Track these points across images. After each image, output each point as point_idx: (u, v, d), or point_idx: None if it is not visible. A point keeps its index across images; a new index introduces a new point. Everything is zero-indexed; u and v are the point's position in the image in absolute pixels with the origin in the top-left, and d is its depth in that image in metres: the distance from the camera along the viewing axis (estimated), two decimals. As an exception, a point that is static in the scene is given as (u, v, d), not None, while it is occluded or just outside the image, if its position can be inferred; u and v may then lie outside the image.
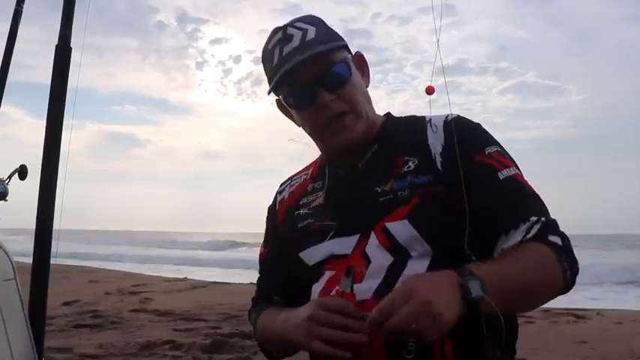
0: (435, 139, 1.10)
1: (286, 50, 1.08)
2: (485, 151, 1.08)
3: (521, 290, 0.97)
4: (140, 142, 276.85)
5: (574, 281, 1.02)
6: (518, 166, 1.10)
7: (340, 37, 1.17)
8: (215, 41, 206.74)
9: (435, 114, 1.14)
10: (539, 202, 1.06)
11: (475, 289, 0.88)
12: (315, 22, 1.13)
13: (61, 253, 1.57)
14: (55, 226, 1.45)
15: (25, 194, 1.59)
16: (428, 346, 0.97)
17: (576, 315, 6.52)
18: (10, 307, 1.29)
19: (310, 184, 1.24)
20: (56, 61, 1.48)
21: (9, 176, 1.50)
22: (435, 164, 1.07)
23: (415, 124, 1.16)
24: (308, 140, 1.20)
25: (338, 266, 1.07)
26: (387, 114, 1.23)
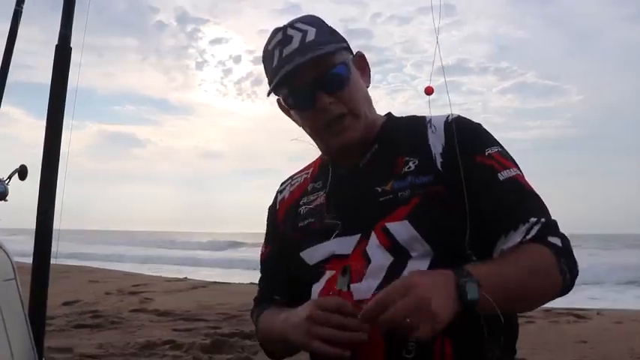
0: (436, 139, 1.10)
1: (286, 52, 1.08)
2: (486, 152, 1.07)
3: (519, 292, 0.96)
4: (140, 142, 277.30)
5: (573, 283, 1.01)
6: (519, 167, 1.10)
7: (341, 37, 1.16)
8: (215, 41, 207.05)
9: (436, 114, 1.14)
10: (539, 203, 1.06)
11: (472, 291, 0.88)
12: (316, 22, 1.12)
13: (61, 253, 1.57)
14: (55, 226, 1.45)
15: (25, 194, 1.59)
16: (428, 346, 0.97)
17: (576, 315, 6.52)
18: (10, 307, 1.29)
19: (311, 183, 1.23)
20: (56, 61, 1.48)
21: (9, 176, 1.50)
22: (436, 164, 1.07)
23: (416, 124, 1.15)
24: (310, 140, 1.20)
25: (338, 266, 1.07)
26: (388, 114, 1.22)
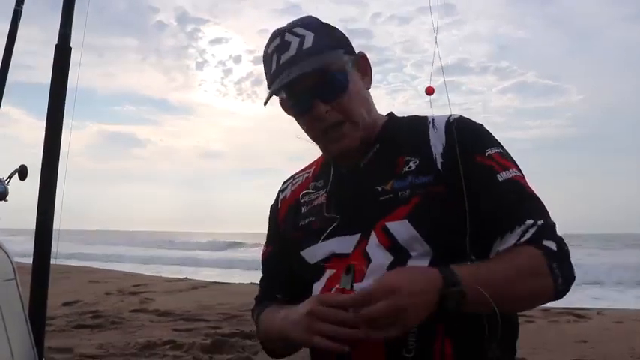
0: (437, 139, 1.09)
1: (283, 59, 1.08)
2: (486, 153, 1.07)
3: (507, 293, 0.95)
4: (140, 142, 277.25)
5: (567, 287, 1.00)
6: (519, 168, 1.09)
7: (341, 39, 1.15)
8: (215, 41, 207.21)
9: (437, 114, 1.14)
10: (537, 205, 1.05)
11: (453, 301, 0.90)
12: (315, 26, 1.11)
13: (61, 253, 1.57)
14: (55, 227, 1.45)
15: (25, 194, 1.59)
16: (428, 345, 0.98)
17: (576, 314, 6.53)
18: (11, 307, 1.29)
19: (312, 182, 1.23)
20: (56, 61, 1.48)
21: (9, 176, 1.50)
22: (436, 165, 1.07)
23: (417, 124, 1.15)
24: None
25: (339, 265, 1.07)
26: (390, 114, 1.22)
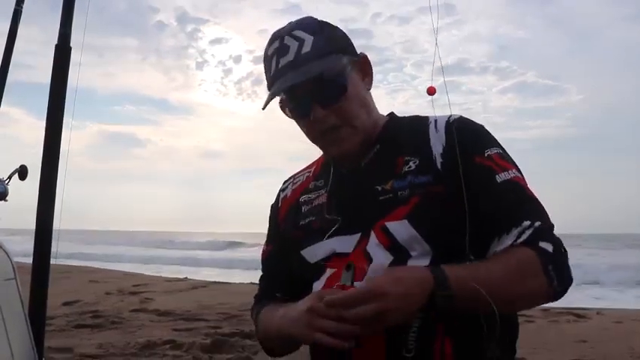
0: (437, 139, 1.09)
1: (282, 63, 1.07)
2: (485, 153, 1.07)
3: (500, 295, 0.94)
4: (140, 142, 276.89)
5: (564, 290, 1.00)
6: (519, 169, 1.09)
7: (342, 39, 1.14)
8: (215, 41, 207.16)
9: (438, 114, 1.14)
10: (536, 207, 1.05)
11: (442, 302, 0.92)
12: (315, 29, 1.09)
13: (61, 253, 1.57)
14: (55, 226, 1.45)
15: (25, 194, 1.59)
16: (428, 345, 0.98)
17: (576, 314, 6.53)
18: (11, 307, 1.29)
19: (313, 181, 1.23)
20: (56, 60, 1.48)
21: (9, 176, 1.50)
22: (435, 164, 1.07)
23: (418, 124, 1.15)
24: None
25: (339, 264, 1.07)
26: (391, 114, 1.22)
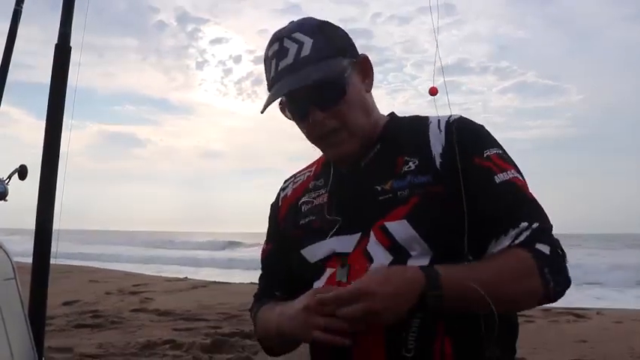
0: (436, 139, 1.09)
1: (281, 66, 1.07)
2: (484, 154, 1.06)
3: (492, 295, 0.93)
4: (140, 142, 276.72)
5: (560, 292, 1.00)
6: (519, 170, 1.09)
7: (342, 40, 1.13)
8: (215, 41, 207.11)
9: (438, 114, 1.14)
10: (534, 208, 1.04)
11: (433, 301, 0.92)
12: (315, 32, 1.09)
13: (61, 253, 1.57)
14: (55, 226, 1.45)
15: (25, 194, 1.59)
16: (428, 345, 0.98)
17: (576, 314, 6.54)
18: (10, 307, 1.29)
19: (313, 181, 1.24)
20: (56, 59, 1.48)
21: (9, 176, 1.50)
22: (435, 164, 1.07)
23: (418, 124, 1.15)
24: None
25: (339, 264, 1.07)
26: (391, 114, 1.22)
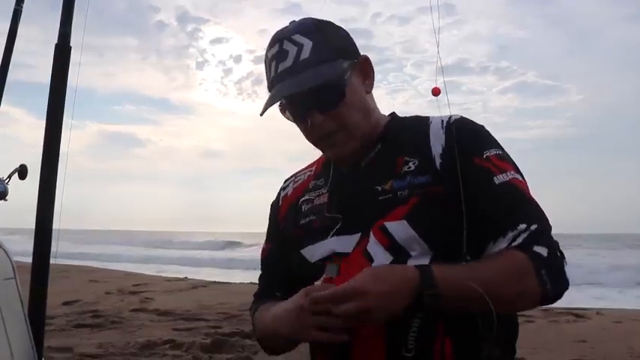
0: (437, 139, 1.09)
1: (280, 68, 1.07)
2: (484, 155, 1.06)
3: (489, 296, 0.93)
4: (140, 142, 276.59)
5: (557, 294, 0.99)
6: (519, 171, 1.08)
7: (343, 40, 1.13)
8: (215, 41, 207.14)
9: (439, 115, 1.14)
10: (533, 209, 1.04)
11: (429, 300, 0.92)
12: (315, 33, 1.08)
13: (61, 252, 1.57)
14: (55, 226, 1.45)
15: (25, 194, 1.59)
16: (428, 345, 0.98)
17: (576, 314, 6.54)
18: (10, 307, 1.29)
19: (313, 180, 1.24)
20: (56, 59, 1.48)
21: (9, 176, 1.50)
22: (435, 165, 1.07)
23: (418, 124, 1.15)
24: None
25: (339, 264, 1.07)
26: (392, 114, 1.22)
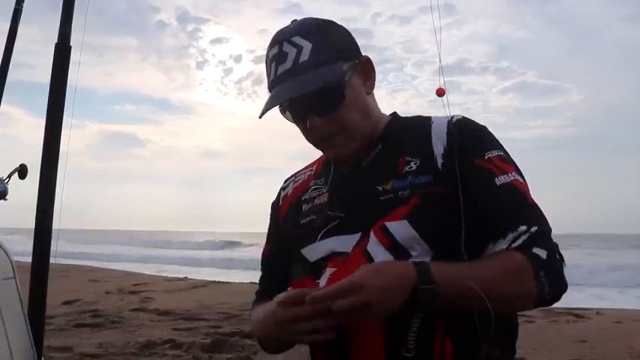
0: (438, 139, 1.09)
1: (280, 70, 1.07)
2: (486, 156, 1.06)
3: (485, 295, 0.92)
4: (140, 142, 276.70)
5: (555, 297, 0.99)
6: (520, 172, 1.08)
7: (344, 40, 1.12)
8: (216, 41, 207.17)
9: (441, 115, 1.14)
10: (534, 211, 1.04)
11: (425, 297, 0.92)
12: (314, 35, 1.07)
13: (61, 252, 1.57)
14: (55, 226, 1.45)
15: (25, 194, 1.59)
16: (428, 345, 0.98)
17: (576, 314, 6.55)
18: (10, 306, 1.29)
19: (314, 180, 1.23)
20: (56, 58, 1.48)
21: (9, 175, 1.50)
22: (436, 165, 1.06)
23: (420, 124, 1.15)
24: None
25: (339, 263, 1.07)
26: (393, 114, 1.22)
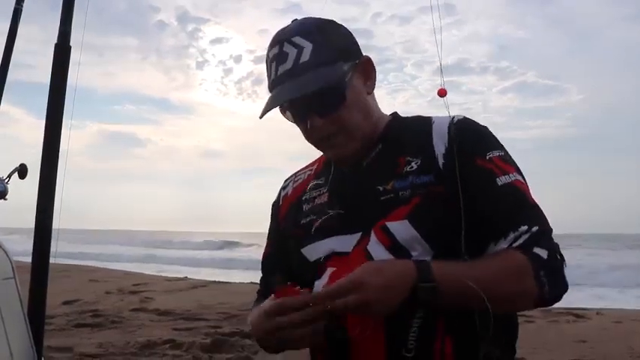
0: (439, 139, 1.09)
1: (280, 71, 1.07)
2: (487, 156, 1.06)
3: (485, 294, 0.92)
4: (140, 142, 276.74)
5: (555, 297, 0.99)
6: (521, 173, 1.08)
7: (344, 40, 1.12)
8: (216, 41, 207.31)
9: (441, 115, 1.14)
10: (535, 212, 1.04)
11: (425, 295, 0.92)
12: (315, 35, 1.07)
13: (61, 252, 1.57)
14: (55, 226, 1.45)
15: (25, 194, 1.59)
16: (428, 345, 0.98)
17: (576, 314, 6.55)
18: (10, 306, 1.29)
19: (314, 180, 1.23)
20: (56, 58, 1.48)
21: (9, 175, 1.50)
22: (437, 165, 1.06)
23: (421, 124, 1.15)
24: None
25: (339, 263, 1.08)
26: (394, 114, 1.22)
